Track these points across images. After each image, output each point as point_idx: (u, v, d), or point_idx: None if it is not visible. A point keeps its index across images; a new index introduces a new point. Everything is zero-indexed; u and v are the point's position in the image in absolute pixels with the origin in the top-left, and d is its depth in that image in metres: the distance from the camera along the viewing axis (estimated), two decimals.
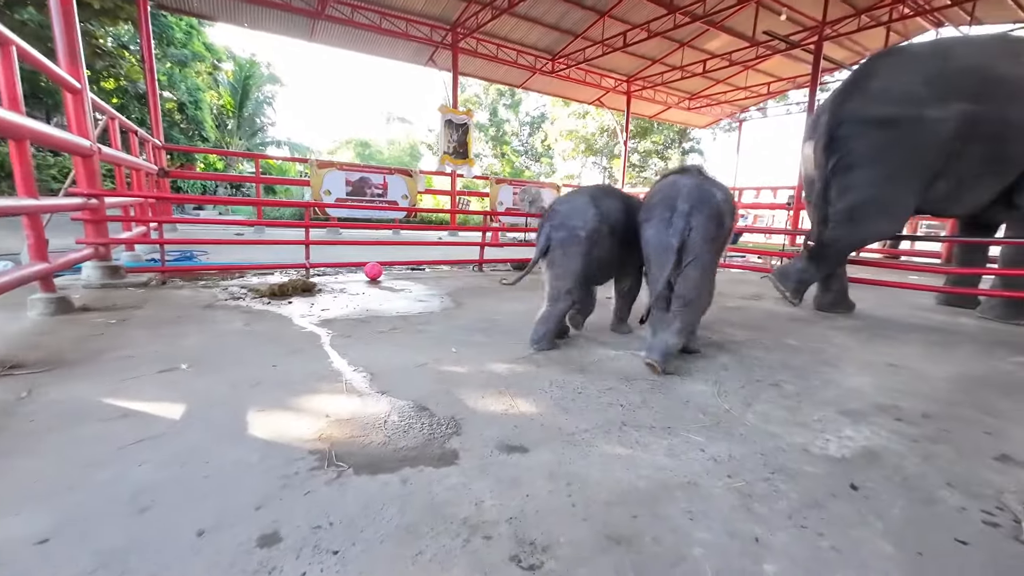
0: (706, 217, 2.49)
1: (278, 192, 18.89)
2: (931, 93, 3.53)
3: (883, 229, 3.97)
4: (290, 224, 6.52)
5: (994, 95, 3.47)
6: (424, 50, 12.77)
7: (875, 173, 3.70)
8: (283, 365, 2.37)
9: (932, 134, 3.53)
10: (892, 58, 3.88)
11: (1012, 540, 1.24)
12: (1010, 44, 3.75)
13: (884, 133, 3.63)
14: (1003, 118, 3.47)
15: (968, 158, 3.59)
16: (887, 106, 3.63)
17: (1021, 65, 3.53)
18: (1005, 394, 2.36)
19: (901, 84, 3.63)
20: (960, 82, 3.52)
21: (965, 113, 3.47)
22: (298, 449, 1.55)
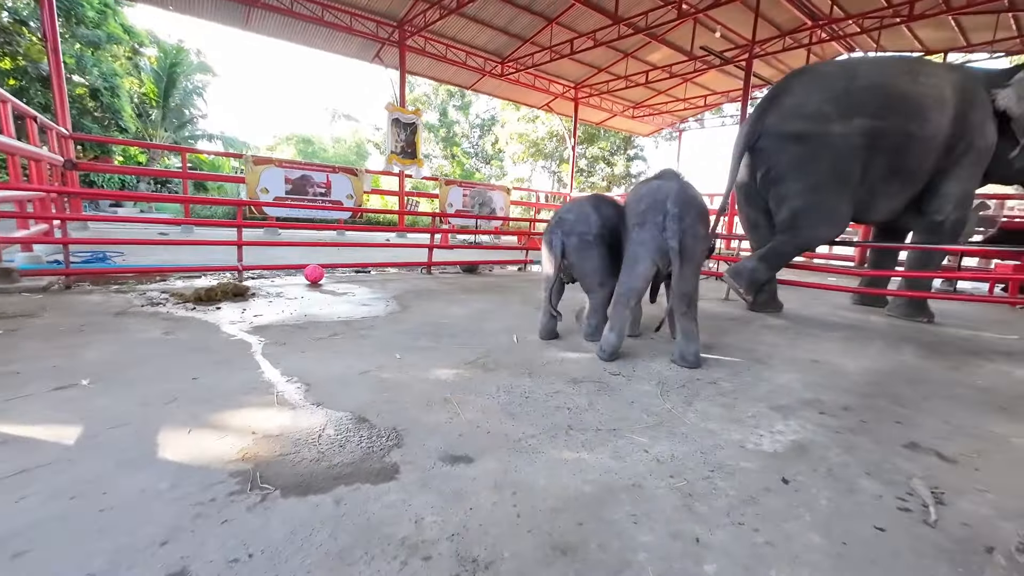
0: (695, 218, 2.68)
1: (210, 189, 17.59)
2: (837, 110, 3.83)
3: (823, 234, 4.22)
4: (222, 223, 6.06)
5: (895, 111, 3.81)
6: (370, 46, 12.38)
7: (801, 184, 3.97)
8: (206, 377, 2.17)
9: (841, 148, 3.83)
10: (804, 76, 4.17)
11: (922, 524, 1.34)
12: (908, 64, 4.14)
13: (800, 147, 3.91)
14: (905, 132, 3.83)
15: (876, 169, 3.94)
16: (800, 122, 3.91)
17: (919, 84, 3.90)
18: (911, 386, 2.59)
19: (811, 101, 3.91)
20: (863, 99, 3.83)
21: (868, 128, 3.79)
22: (217, 472, 1.41)
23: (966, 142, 3.99)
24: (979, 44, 11.96)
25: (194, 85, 19.42)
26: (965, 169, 4.06)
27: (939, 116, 3.88)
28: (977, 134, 4.00)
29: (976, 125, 3.99)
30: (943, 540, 1.27)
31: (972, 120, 3.98)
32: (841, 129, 3.80)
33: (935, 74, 4.02)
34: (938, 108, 3.87)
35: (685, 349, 2.73)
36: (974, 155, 4.04)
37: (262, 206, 8.41)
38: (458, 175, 26.91)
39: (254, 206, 8.47)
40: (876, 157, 3.88)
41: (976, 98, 4.03)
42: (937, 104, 3.87)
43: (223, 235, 7.57)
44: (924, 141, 3.87)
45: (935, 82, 3.93)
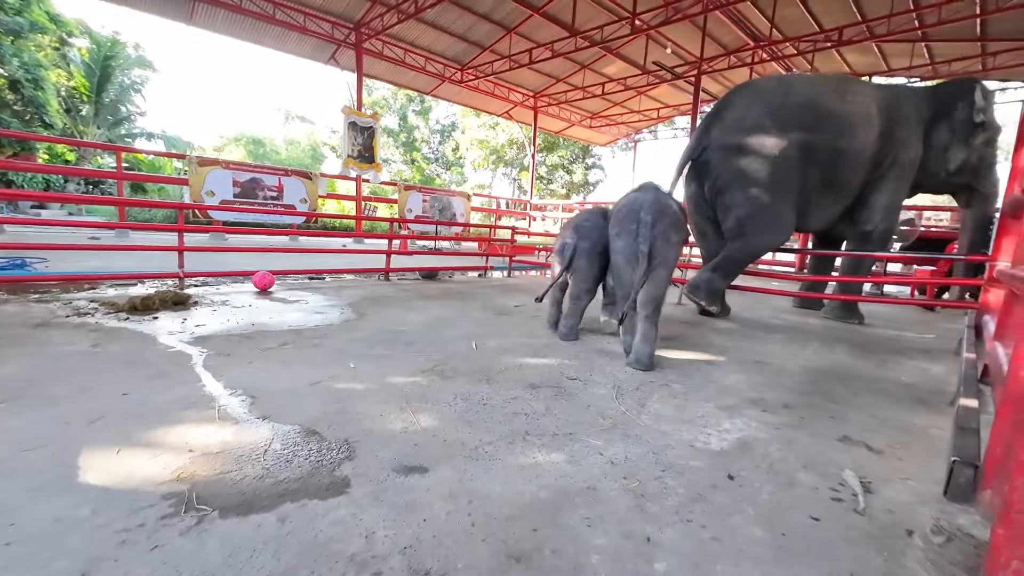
0: (667, 225, 2.90)
1: (149, 191, 16.48)
2: (774, 124, 4.07)
3: (769, 241, 4.43)
4: (162, 227, 5.68)
5: (825, 127, 4.09)
6: (325, 47, 12.06)
7: (745, 193, 4.19)
8: (138, 393, 2.01)
9: (778, 159, 4.06)
10: (745, 92, 4.42)
11: (852, 513, 1.43)
12: (838, 83, 4.46)
13: (742, 158, 4.14)
14: (834, 147, 4.11)
15: (810, 181, 4.21)
16: (739, 135, 4.14)
17: (846, 102, 4.21)
18: (843, 383, 2.78)
19: (751, 115, 4.15)
20: (798, 115, 4.09)
21: (802, 142, 4.04)
22: (147, 494, 1.30)
23: (892, 156, 4.33)
24: (898, 69, 13.15)
25: (131, 80, 18.20)
26: (891, 182, 4.41)
27: (866, 132, 4.19)
28: (902, 148, 4.35)
29: (901, 140, 4.34)
30: (870, 526, 1.36)
31: (897, 136, 4.32)
32: (778, 141, 4.03)
33: (862, 92, 4.34)
34: (864, 125, 4.19)
35: (641, 351, 2.82)
36: (899, 169, 4.39)
37: (207, 209, 7.96)
38: (418, 180, 26.61)
39: (198, 209, 8.00)
40: (810, 170, 4.14)
41: (902, 115, 4.36)
42: (864, 121, 4.19)
43: (163, 240, 7.12)
44: (852, 156, 4.18)
45: (862, 100, 4.24)
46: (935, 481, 1.64)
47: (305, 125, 29.83)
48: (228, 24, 10.72)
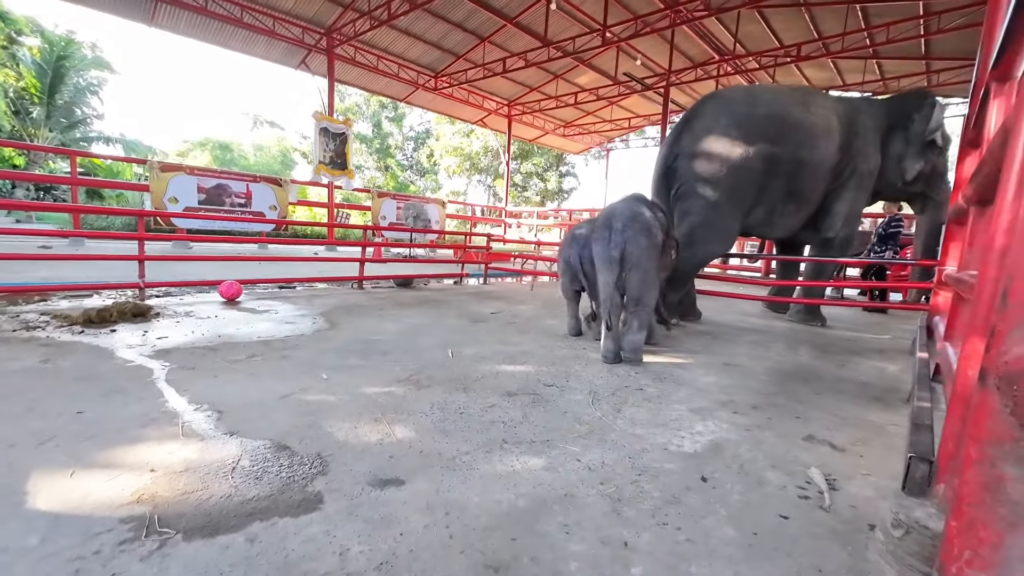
0: (636, 231, 3.07)
1: (107, 198, 15.73)
2: (740, 134, 4.19)
3: (716, 250, 4.60)
4: (120, 236, 5.43)
5: (789, 139, 4.24)
6: (295, 52, 11.86)
7: (703, 202, 4.29)
8: (94, 410, 1.91)
9: (743, 170, 4.18)
10: (713, 101, 4.54)
11: (818, 509, 1.49)
12: (802, 95, 4.62)
13: (709, 167, 4.24)
14: (797, 158, 4.26)
15: (774, 191, 4.35)
16: (708, 143, 4.25)
17: (810, 113, 4.37)
18: (807, 383, 2.89)
19: (719, 125, 4.26)
20: (764, 126, 4.22)
21: (767, 153, 4.18)
22: (104, 519, 1.23)
23: (851, 167, 4.53)
24: (852, 84, 13.90)
25: (87, 82, 17.42)
26: (851, 191, 4.61)
27: (827, 144, 4.36)
28: (861, 159, 4.55)
29: (860, 151, 4.54)
30: (835, 522, 1.42)
31: (856, 147, 4.52)
32: (744, 152, 4.15)
33: (824, 105, 4.53)
34: (825, 136, 4.36)
35: (628, 340, 3.14)
36: (858, 178, 4.59)
37: (169, 217, 7.67)
38: (392, 187, 26.35)
39: (160, 217, 7.70)
40: (773, 180, 4.27)
41: (860, 126, 4.57)
42: (825, 133, 4.36)
43: (122, 249, 6.80)
44: (814, 167, 4.34)
45: (823, 112, 4.42)
46: (894, 476, 1.71)
47: (275, 130, 29.18)
48: (192, 26, 10.42)
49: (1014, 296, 0.75)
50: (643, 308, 3.15)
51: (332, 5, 10.68)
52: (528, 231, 15.59)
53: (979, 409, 0.81)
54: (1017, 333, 0.73)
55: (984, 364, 0.81)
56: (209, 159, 24.33)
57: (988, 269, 1.19)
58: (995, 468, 0.76)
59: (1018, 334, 0.73)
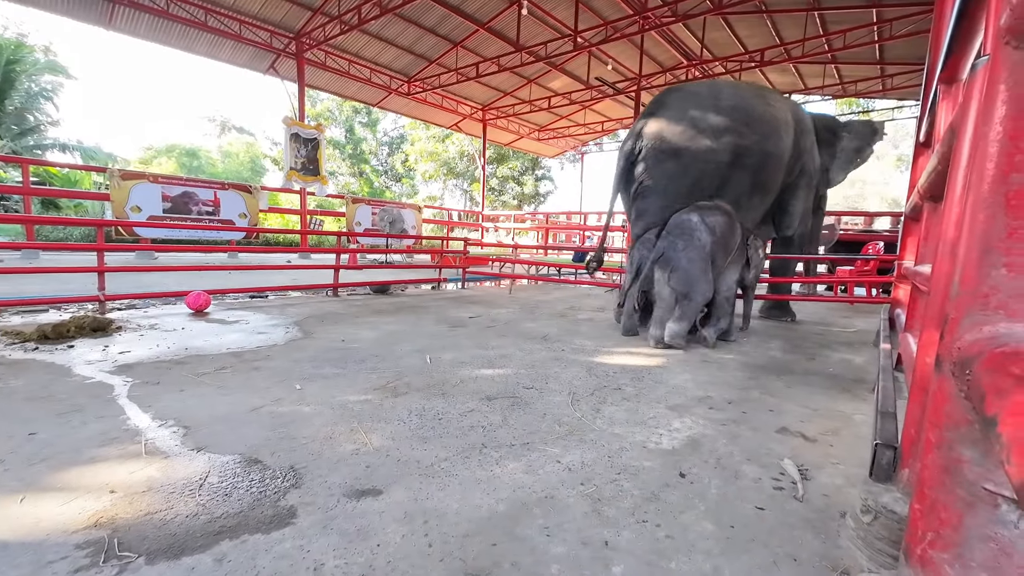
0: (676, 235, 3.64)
1: (63, 208, 15.02)
2: (709, 127, 4.13)
3: None
4: (79, 247, 5.18)
5: (755, 130, 4.23)
6: (264, 56, 11.62)
7: (661, 199, 4.22)
8: (48, 431, 1.81)
9: (710, 163, 4.13)
10: (677, 93, 4.48)
11: (792, 500, 1.52)
12: (758, 90, 4.74)
13: (676, 162, 4.17)
14: (763, 150, 4.27)
15: (738, 183, 4.28)
16: (678, 138, 4.17)
17: (770, 106, 4.43)
18: (779, 377, 2.97)
19: (687, 118, 4.20)
20: (730, 119, 4.17)
21: (734, 145, 4.14)
22: (58, 546, 1.16)
23: (801, 164, 4.66)
24: (813, 88, 14.46)
25: (41, 87, 16.65)
26: (802, 190, 4.75)
27: (786, 137, 4.44)
28: (808, 158, 4.71)
29: (807, 150, 4.69)
30: (808, 512, 1.45)
31: (803, 145, 4.64)
32: (712, 144, 4.09)
33: (778, 100, 4.67)
34: (785, 129, 4.43)
35: (670, 326, 3.60)
36: (808, 177, 4.74)
37: (131, 226, 7.36)
38: (367, 193, 26.02)
39: (121, 226, 7.39)
40: (738, 172, 4.20)
41: (805, 126, 4.72)
42: (784, 126, 4.43)
43: (80, 261, 6.50)
44: (776, 159, 4.37)
45: (780, 106, 4.54)
46: (862, 464, 1.77)
47: (244, 136, 28.47)
48: (153, 30, 10.09)
49: (964, 285, 0.79)
50: (689, 302, 3.56)
51: (301, 9, 10.51)
52: (505, 235, 15.60)
53: (936, 395, 0.84)
54: (968, 321, 0.77)
55: (939, 351, 0.84)
56: (175, 166, 23.52)
57: (941, 261, 1.24)
58: (953, 451, 0.79)
59: (969, 321, 0.76)
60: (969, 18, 1.81)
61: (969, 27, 1.87)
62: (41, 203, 13.59)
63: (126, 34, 10.03)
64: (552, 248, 14.39)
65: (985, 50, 1.03)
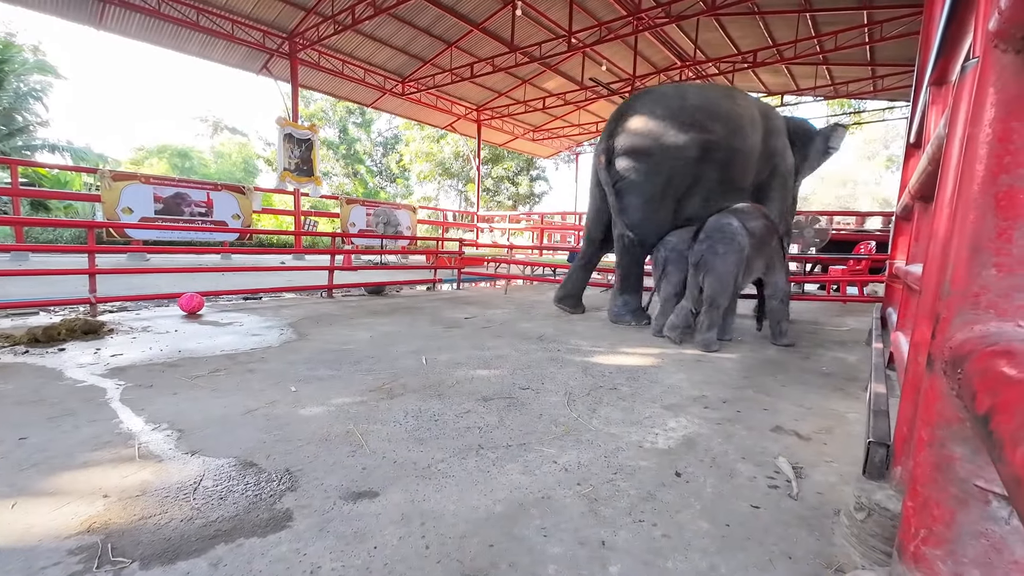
0: (716, 240, 3.61)
1: (53, 209, 14.86)
2: (674, 125, 4.27)
3: (652, 243, 4.61)
4: (70, 249, 5.13)
5: (721, 126, 4.33)
6: (256, 56, 11.55)
7: (640, 199, 4.37)
8: (39, 436, 1.79)
9: (679, 159, 4.26)
10: (646, 97, 4.61)
11: (787, 498, 1.53)
12: (725, 90, 4.84)
13: (646, 161, 4.31)
14: (730, 146, 4.36)
15: (707, 179, 4.40)
16: (644, 138, 4.32)
17: (736, 104, 4.52)
18: (773, 375, 2.99)
19: (653, 118, 4.34)
20: (696, 116, 4.30)
21: (701, 141, 4.26)
22: (50, 551, 1.15)
23: (772, 164, 4.69)
24: (805, 89, 14.57)
25: (30, 87, 16.46)
26: (776, 191, 4.76)
27: (753, 134, 4.50)
28: (780, 159, 4.73)
29: (777, 150, 4.70)
30: (803, 509, 1.46)
31: (772, 145, 4.66)
32: (677, 142, 4.22)
33: (746, 99, 4.74)
34: (751, 127, 4.49)
35: (700, 337, 3.64)
36: (781, 178, 4.76)
37: (123, 228, 7.28)
38: (361, 194, 25.93)
39: (113, 228, 7.32)
40: (707, 168, 4.34)
41: (775, 127, 4.73)
42: (751, 123, 4.50)
43: (72, 262, 6.43)
44: (744, 154, 4.45)
45: (747, 104, 4.61)
46: (855, 462, 1.79)
47: (236, 137, 28.27)
48: (144, 29, 10.00)
49: (955, 285, 0.80)
50: (716, 309, 3.62)
51: (294, 9, 10.46)
52: (501, 235, 15.62)
53: (928, 393, 0.85)
54: (959, 320, 0.78)
55: (931, 350, 0.85)
56: (167, 167, 23.31)
57: (932, 261, 1.26)
58: (944, 448, 0.81)
59: (960, 321, 0.77)
60: (958, 21, 1.83)
61: (958, 30, 1.89)
62: (30, 204, 13.44)
63: (117, 34, 9.93)
64: (547, 248, 14.42)
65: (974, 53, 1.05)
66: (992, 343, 0.65)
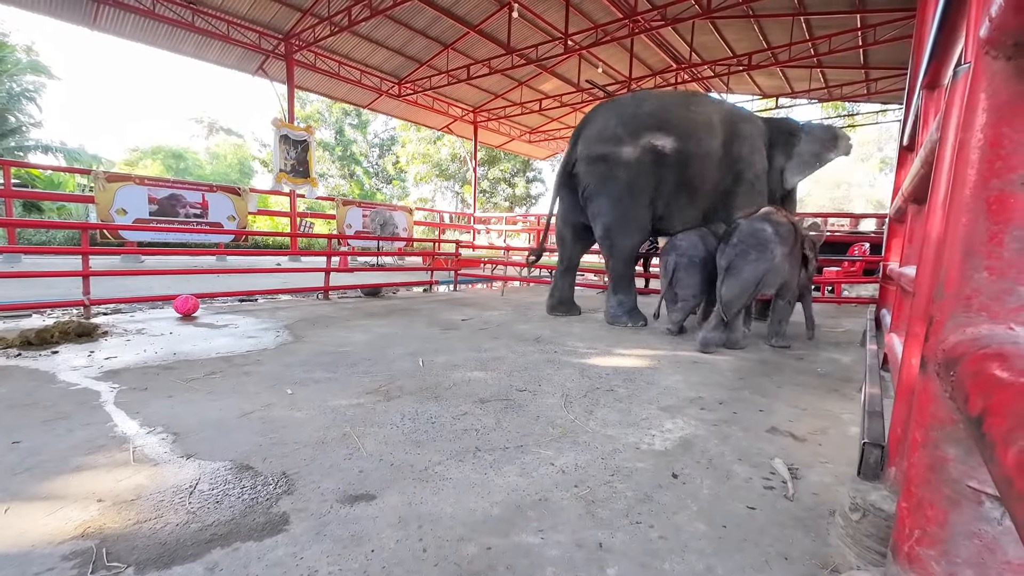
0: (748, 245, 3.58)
1: (46, 211, 14.74)
2: (627, 132, 4.49)
3: (635, 242, 4.75)
4: (62, 250, 5.09)
5: (672, 132, 4.46)
6: (252, 57, 11.52)
7: (609, 200, 4.56)
8: (33, 439, 1.77)
9: (633, 164, 4.46)
10: (604, 107, 4.84)
11: (783, 499, 1.54)
12: (684, 97, 4.89)
13: (603, 167, 4.54)
14: (682, 150, 4.47)
15: (666, 184, 4.55)
16: (600, 145, 4.55)
17: (690, 111, 4.60)
18: (769, 377, 3.00)
19: (608, 127, 4.58)
20: (647, 123, 4.49)
21: (651, 146, 4.44)
22: (43, 557, 1.14)
23: (736, 171, 4.69)
24: (800, 92, 14.67)
25: (23, 87, 16.33)
26: (742, 197, 4.73)
27: (709, 138, 4.55)
28: (745, 165, 4.70)
29: (742, 156, 4.68)
30: (798, 510, 1.47)
31: (736, 151, 4.66)
32: (631, 148, 4.45)
33: (705, 104, 4.76)
34: (707, 130, 4.55)
35: (705, 335, 3.63)
36: (748, 184, 4.74)
37: (117, 229, 7.24)
38: (357, 195, 25.87)
39: (107, 229, 7.27)
40: (663, 172, 4.49)
41: (740, 132, 4.72)
42: (706, 129, 4.56)
43: (64, 265, 6.39)
44: (699, 158, 4.52)
45: (704, 111, 4.65)
46: (850, 463, 1.80)
47: (232, 138, 28.14)
48: (139, 30, 9.95)
49: (949, 287, 0.81)
50: (727, 310, 3.59)
51: (290, 11, 10.44)
52: (497, 236, 15.62)
53: (922, 395, 0.86)
54: (952, 322, 0.78)
55: (924, 352, 0.86)
56: (161, 168, 23.18)
57: (925, 263, 1.27)
58: (938, 450, 0.81)
59: (952, 323, 0.78)
60: (949, 26, 1.86)
61: (950, 34, 1.92)
62: (23, 206, 13.33)
63: (111, 34, 9.88)
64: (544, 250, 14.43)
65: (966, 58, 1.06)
66: (984, 345, 0.66)
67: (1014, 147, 0.72)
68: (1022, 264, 0.72)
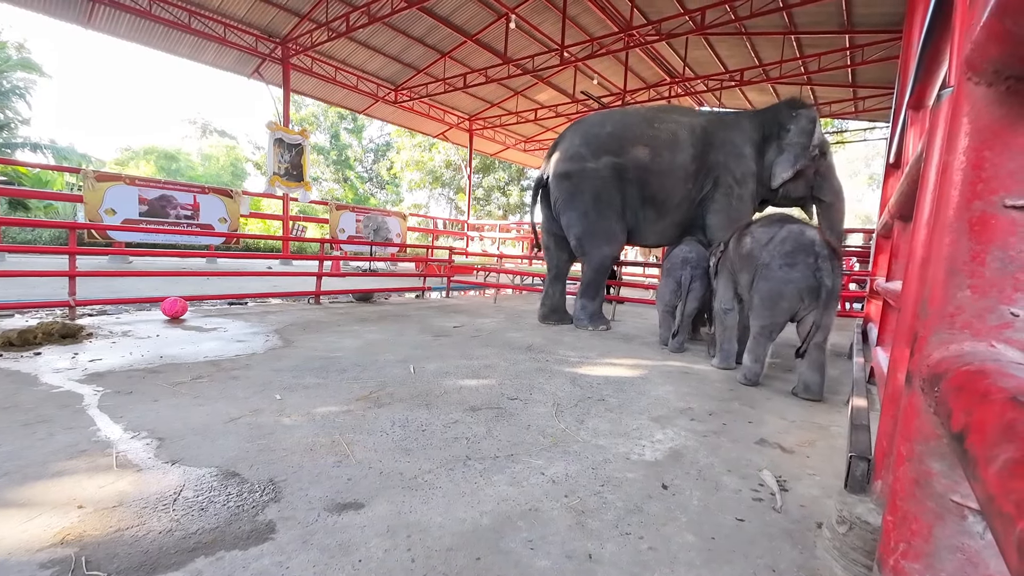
0: (838, 261, 2.98)
1: (33, 209, 14.50)
2: (590, 151, 4.72)
3: (608, 251, 4.87)
4: (49, 250, 5.00)
5: (630, 150, 4.66)
6: (248, 60, 11.49)
7: (577, 213, 4.78)
8: (11, 443, 1.73)
9: (596, 180, 4.67)
10: (574, 126, 5.11)
11: (771, 511, 1.55)
12: (650, 113, 4.98)
13: (569, 183, 4.77)
14: (642, 166, 4.65)
15: (632, 198, 4.77)
16: (567, 163, 4.80)
17: (653, 128, 4.75)
18: (758, 388, 3.03)
19: (574, 146, 4.82)
20: (609, 142, 4.73)
21: (612, 164, 4.67)
22: (20, 565, 1.11)
23: (711, 178, 4.71)
24: None
25: (13, 84, 16.14)
26: (719, 203, 4.72)
27: (674, 154, 4.66)
28: (723, 171, 4.70)
29: (720, 163, 4.70)
30: (786, 522, 1.48)
31: (712, 159, 4.70)
32: (594, 165, 4.71)
33: (673, 120, 4.82)
34: (672, 147, 4.66)
35: (810, 379, 2.89)
36: (725, 188, 4.71)
37: (105, 229, 7.14)
38: (351, 200, 25.81)
39: (95, 229, 7.17)
40: (627, 187, 4.73)
41: (716, 140, 4.75)
42: (671, 144, 4.67)
43: (50, 264, 6.28)
44: (661, 174, 4.65)
45: (669, 127, 4.74)
46: (837, 475, 1.82)
47: (225, 140, 27.99)
48: (134, 30, 9.90)
49: (933, 305, 0.82)
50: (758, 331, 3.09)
51: (288, 15, 10.46)
52: (491, 244, 15.64)
53: (907, 409, 0.87)
54: (936, 339, 0.80)
55: (909, 367, 0.88)
56: (153, 169, 22.94)
57: (910, 280, 1.30)
58: (923, 464, 0.83)
59: (936, 340, 0.80)
60: (934, 48, 1.91)
61: (934, 57, 1.97)
62: (8, 204, 13.11)
63: (106, 33, 9.81)
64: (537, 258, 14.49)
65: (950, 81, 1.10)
66: (967, 362, 0.67)
67: (995, 170, 0.74)
68: (1003, 283, 0.74)
